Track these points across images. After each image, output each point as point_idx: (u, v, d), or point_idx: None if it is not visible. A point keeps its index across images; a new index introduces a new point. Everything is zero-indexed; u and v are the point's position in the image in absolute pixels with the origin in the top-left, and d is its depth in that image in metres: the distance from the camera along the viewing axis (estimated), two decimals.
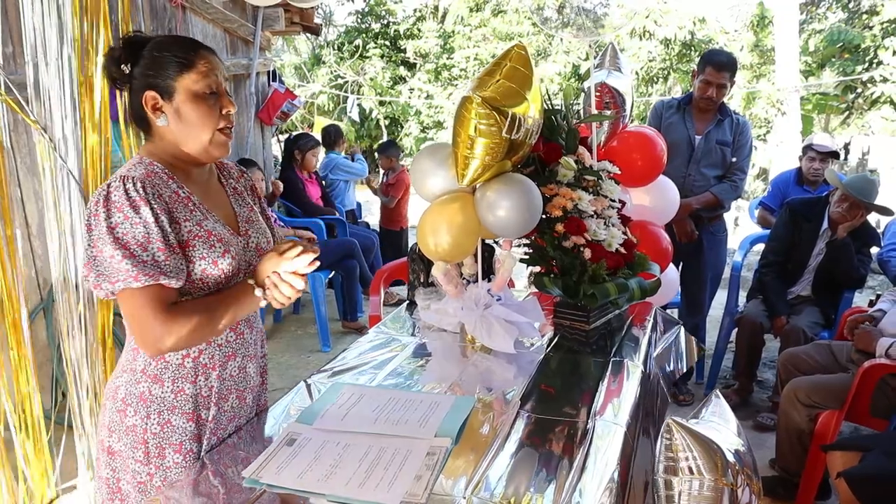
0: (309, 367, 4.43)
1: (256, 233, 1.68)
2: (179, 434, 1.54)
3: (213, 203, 1.61)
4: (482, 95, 1.82)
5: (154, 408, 1.53)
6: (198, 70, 1.51)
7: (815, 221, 3.86)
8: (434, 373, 2.00)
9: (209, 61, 1.53)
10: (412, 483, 1.34)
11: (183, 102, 1.51)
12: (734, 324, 4.05)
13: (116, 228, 1.40)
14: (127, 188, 1.42)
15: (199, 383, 1.56)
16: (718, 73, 3.66)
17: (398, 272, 3.33)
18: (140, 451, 1.53)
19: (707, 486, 1.45)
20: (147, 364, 1.53)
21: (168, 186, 1.51)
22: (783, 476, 3.03)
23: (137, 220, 1.41)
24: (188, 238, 1.49)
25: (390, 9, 17.70)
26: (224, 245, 1.54)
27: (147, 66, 1.50)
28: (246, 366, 1.67)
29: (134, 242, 1.40)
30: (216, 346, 1.59)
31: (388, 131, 16.36)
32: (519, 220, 1.96)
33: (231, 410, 1.63)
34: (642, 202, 3.08)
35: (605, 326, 2.31)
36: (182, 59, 1.50)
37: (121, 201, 1.41)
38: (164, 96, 1.50)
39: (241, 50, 5.56)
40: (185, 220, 1.50)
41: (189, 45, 1.54)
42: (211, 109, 1.53)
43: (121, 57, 1.52)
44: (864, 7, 14.45)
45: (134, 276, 1.39)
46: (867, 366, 2.79)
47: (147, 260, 1.40)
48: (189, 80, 1.50)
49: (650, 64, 15.28)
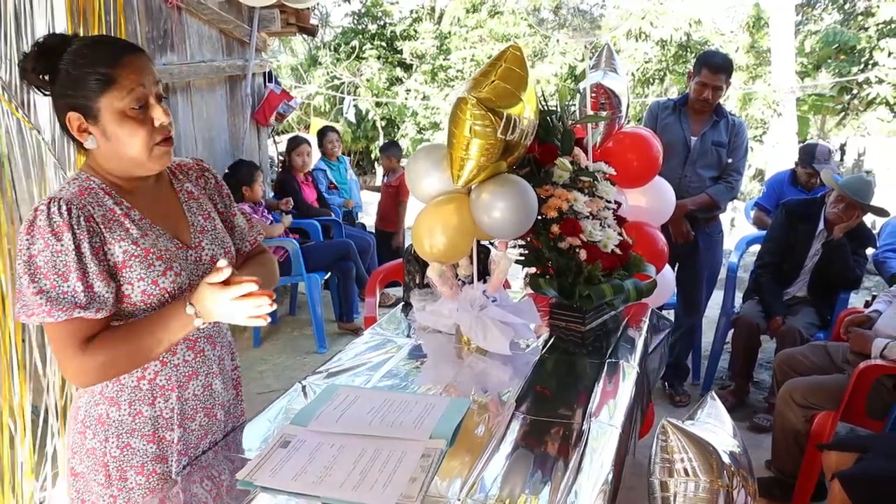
0: (305, 368, 4.42)
1: (211, 243, 1.58)
2: (140, 456, 1.49)
3: (159, 214, 1.51)
4: (477, 96, 1.82)
5: (112, 431, 1.47)
6: (121, 85, 1.37)
7: (811, 222, 3.86)
8: (429, 374, 2.00)
9: (134, 69, 1.39)
10: (407, 485, 1.34)
11: (109, 123, 1.39)
12: (730, 324, 4.05)
13: (37, 257, 1.33)
14: (51, 212, 1.34)
15: (157, 405, 1.50)
16: (714, 75, 3.66)
17: (394, 273, 3.33)
18: (101, 473, 1.48)
19: (703, 488, 1.45)
20: (104, 386, 1.47)
21: (103, 204, 1.42)
22: (779, 477, 3.03)
23: (59, 248, 1.33)
24: (123, 259, 1.41)
25: (387, 10, 17.69)
26: (165, 263, 1.46)
27: (65, 84, 1.38)
28: (211, 383, 1.60)
29: (53, 273, 1.33)
30: (172, 367, 1.51)
31: (385, 132, 16.35)
32: (514, 221, 1.96)
33: (200, 429, 1.57)
34: (638, 203, 3.08)
35: (600, 328, 2.31)
36: (102, 76, 1.36)
37: (44, 227, 1.33)
38: (88, 118, 1.39)
39: (237, 51, 5.55)
40: (121, 241, 1.41)
41: (109, 53, 1.39)
42: (141, 125, 1.40)
43: (35, 67, 1.39)
44: (860, 8, 14.48)
45: (47, 312, 1.33)
46: (863, 367, 2.79)
47: (66, 291, 1.34)
48: (113, 97, 1.37)
49: (646, 65, 15.29)
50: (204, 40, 4.99)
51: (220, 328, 1.66)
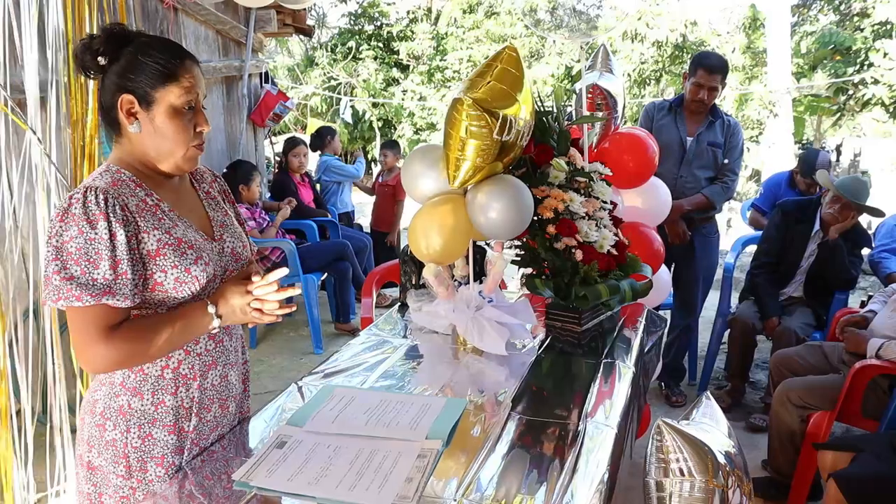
0: (302, 369, 4.41)
1: (232, 237, 1.65)
2: (161, 447, 1.52)
3: (185, 208, 1.58)
4: (473, 97, 1.82)
5: (134, 421, 1.50)
6: (181, 83, 1.46)
7: (806, 223, 3.87)
8: (426, 375, 2.00)
9: (193, 75, 1.48)
10: (403, 485, 1.34)
11: (160, 114, 1.46)
12: (727, 325, 4.06)
13: (70, 243, 1.37)
14: (87, 200, 1.38)
15: (179, 394, 1.53)
16: (710, 76, 3.67)
17: (390, 274, 3.32)
18: (121, 465, 1.50)
19: (698, 488, 1.45)
20: (126, 377, 1.49)
21: (136, 195, 1.47)
22: (775, 477, 3.03)
23: (93, 236, 1.37)
24: (157, 247, 1.46)
25: (383, 10, 17.69)
26: (196, 251, 1.51)
27: (127, 68, 1.44)
28: (227, 374, 1.64)
29: (84, 259, 1.37)
30: (195, 355, 1.55)
31: (382, 133, 16.35)
32: (510, 221, 1.96)
33: (213, 420, 1.60)
34: (634, 204, 3.09)
35: (596, 328, 2.31)
36: (167, 69, 1.45)
37: (79, 215, 1.37)
38: (142, 103, 1.45)
39: (234, 51, 5.55)
40: (154, 229, 1.46)
41: (176, 52, 1.49)
42: (187, 126, 1.49)
43: (100, 49, 1.45)
44: (855, 9, 14.50)
45: (77, 296, 1.36)
46: (858, 367, 2.80)
47: (96, 278, 1.37)
48: (171, 92, 1.45)
49: (643, 66, 15.30)
50: (200, 41, 4.99)
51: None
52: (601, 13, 18.02)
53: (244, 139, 5.67)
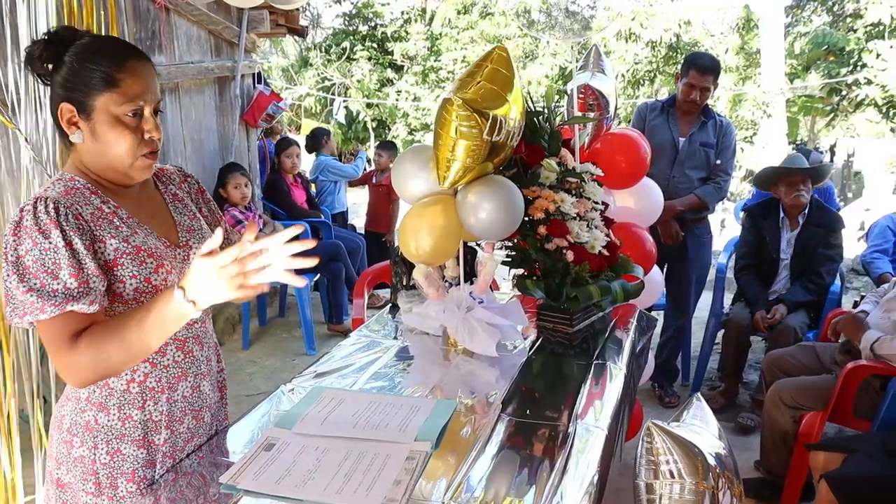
0: (294, 370, 4.37)
1: (198, 242, 1.57)
2: (131, 462, 1.47)
3: (146, 214, 1.52)
4: (463, 97, 1.82)
5: (101, 437, 1.45)
6: (122, 90, 1.38)
7: (772, 216, 3.98)
8: (416, 376, 1.99)
9: (138, 79, 1.40)
10: (391, 488, 1.33)
11: (101, 123, 1.39)
12: (719, 325, 4.07)
13: (26, 257, 1.31)
14: (38, 211, 1.33)
15: (147, 408, 1.48)
16: (702, 77, 3.67)
17: (382, 275, 3.32)
18: (90, 482, 1.46)
19: (688, 490, 1.45)
20: (91, 392, 1.45)
21: (90, 202, 1.42)
22: (768, 477, 3.03)
23: (47, 246, 1.32)
24: (115, 256, 1.40)
25: (378, 11, 17.70)
26: (156, 260, 1.46)
27: (67, 75, 1.38)
28: (200, 384, 1.59)
29: (42, 271, 1.31)
30: (162, 368, 1.50)
31: (376, 134, 16.35)
32: (501, 222, 1.95)
33: (188, 432, 1.56)
34: (626, 204, 3.08)
35: (588, 329, 2.30)
36: (106, 75, 1.37)
37: (31, 227, 1.32)
38: (81, 112, 1.39)
39: (226, 52, 5.53)
40: (111, 238, 1.41)
41: (118, 54, 1.41)
42: (131, 134, 1.40)
43: (42, 55, 1.40)
44: (849, 10, 14.55)
45: (40, 308, 1.31)
46: (850, 367, 2.80)
47: (56, 288, 1.32)
48: (110, 99, 1.38)
49: (636, 66, 15.34)
50: (192, 41, 4.97)
51: (207, 329, 1.65)
52: (595, 14, 18.05)
53: (237, 140, 5.65)
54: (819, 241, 3.81)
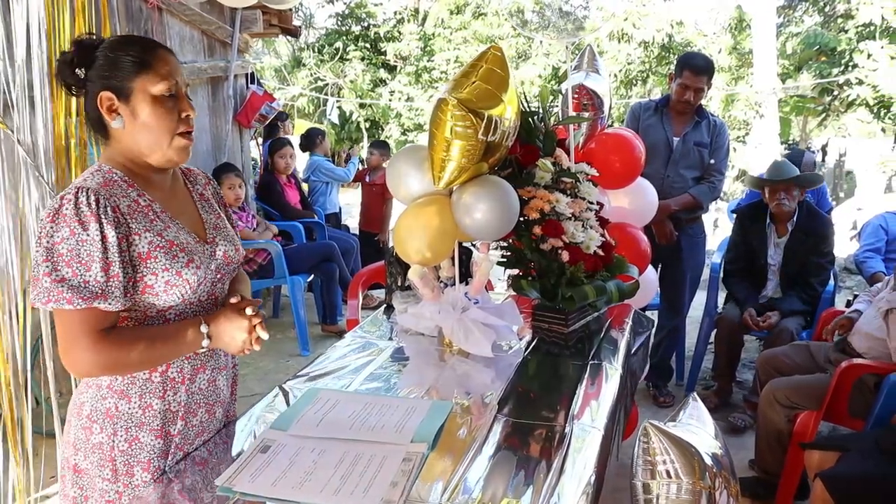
0: (288, 371, 4.39)
1: (224, 240, 1.63)
2: (147, 451, 1.50)
3: (177, 210, 1.56)
4: (457, 97, 1.81)
5: (121, 424, 1.48)
6: (156, 71, 1.45)
7: (759, 221, 4.00)
8: (412, 377, 1.98)
9: (168, 62, 1.48)
10: (387, 489, 1.32)
11: (140, 104, 1.45)
12: (713, 325, 4.08)
13: (60, 245, 1.35)
14: (79, 201, 1.37)
15: (167, 398, 1.51)
16: (696, 77, 3.68)
17: (377, 275, 3.31)
18: (107, 469, 1.48)
19: (685, 490, 1.45)
20: (113, 380, 1.48)
21: (127, 195, 1.46)
22: (762, 477, 3.04)
23: (84, 238, 1.36)
24: (149, 249, 1.44)
25: (371, 11, 17.68)
26: (187, 254, 1.49)
27: (102, 67, 1.45)
28: (216, 378, 1.62)
29: (76, 261, 1.35)
30: (185, 358, 1.54)
31: (369, 134, 16.33)
32: (496, 222, 1.95)
33: (199, 424, 1.58)
34: (621, 204, 3.08)
35: (583, 329, 2.30)
36: (139, 59, 1.44)
37: (70, 216, 1.36)
38: (120, 97, 1.45)
39: (219, 52, 5.51)
40: (146, 231, 1.45)
41: (147, 44, 1.50)
42: (170, 112, 1.47)
43: (73, 60, 1.46)
44: (840, 11, 14.60)
45: (67, 299, 1.34)
46: (845, 366, 2.81)
47: (88, 280, 1.36)
48: (147, 80, 1.44)
49: (629, 66, 15.36)
50: (185, 41, 4.95)
51: None
52: (588, 14, 18.08)
53: (230, 140, 5.63)
54: (809, 249, 3.81)
